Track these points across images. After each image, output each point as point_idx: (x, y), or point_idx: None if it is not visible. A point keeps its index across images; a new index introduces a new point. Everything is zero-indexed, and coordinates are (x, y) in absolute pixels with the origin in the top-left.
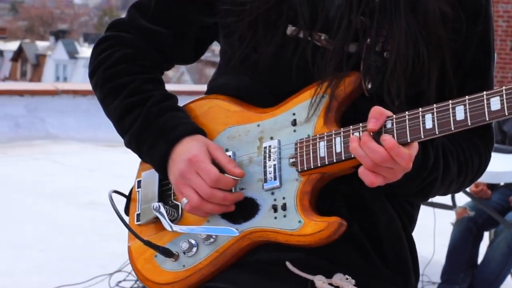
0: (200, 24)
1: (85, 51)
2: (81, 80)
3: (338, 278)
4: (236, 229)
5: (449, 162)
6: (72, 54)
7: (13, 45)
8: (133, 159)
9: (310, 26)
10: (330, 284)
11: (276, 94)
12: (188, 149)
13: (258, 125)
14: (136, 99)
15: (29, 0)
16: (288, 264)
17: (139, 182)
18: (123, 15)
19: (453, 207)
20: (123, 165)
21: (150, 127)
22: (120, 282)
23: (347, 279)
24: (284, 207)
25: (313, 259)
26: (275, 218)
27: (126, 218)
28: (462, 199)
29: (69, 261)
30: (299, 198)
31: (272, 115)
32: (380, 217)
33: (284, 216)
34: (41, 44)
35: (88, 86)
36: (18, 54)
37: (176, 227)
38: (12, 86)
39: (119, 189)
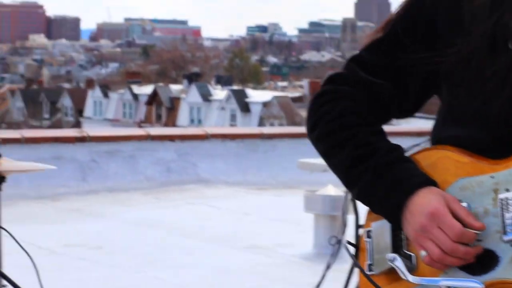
0: (422, 76)
1: (218, 93)
2: (214, 123)
3: None
4: (480, 281)
5: None
6: (206, 97)
7: (147, 89)
8: (284, 202)
9: None
10: None
11: (505, 144)
12: (427, 202)
13: (492, 177)
14: (362, 152)
15: (160, 43)
16: None
17: (368, 232)
18: (253, 57)
19: None
20: (276, 208)
21: (381, 178)
22: None
23: None
24: None
25: None
26: None
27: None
28: None
29: None
30: None
31: (506, 166)
32: None
33: None
34: (174, 88)
35: (235, 130)
36: (153, 98)
37: (418, 279)
38: (163, 131)
39: (278, 232)
